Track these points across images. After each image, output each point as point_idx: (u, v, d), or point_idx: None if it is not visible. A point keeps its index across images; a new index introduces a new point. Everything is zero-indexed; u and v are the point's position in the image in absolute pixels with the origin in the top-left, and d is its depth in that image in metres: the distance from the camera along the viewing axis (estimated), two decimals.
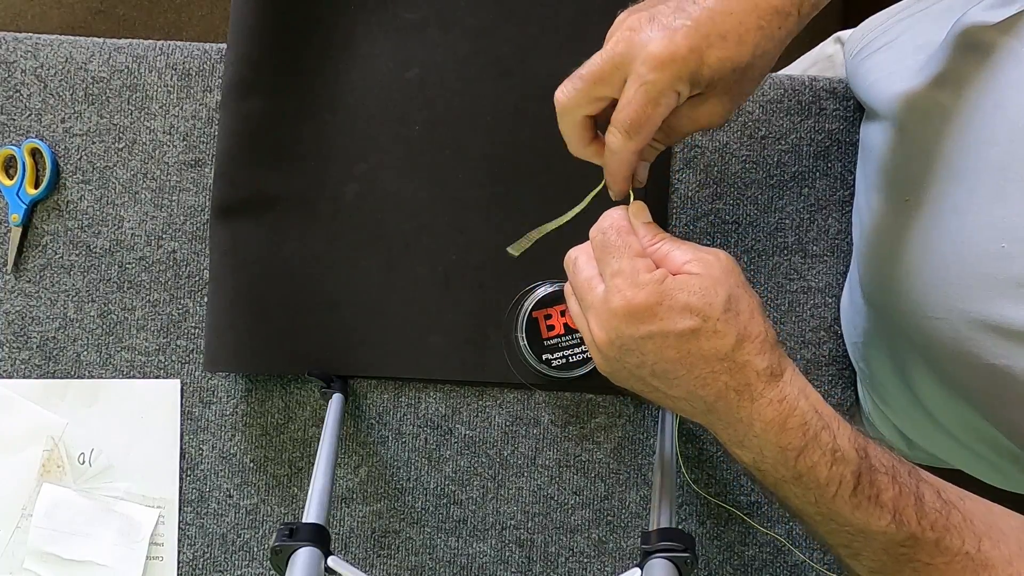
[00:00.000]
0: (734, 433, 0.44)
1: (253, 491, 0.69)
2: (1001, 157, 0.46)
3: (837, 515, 0.43)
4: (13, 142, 0.69)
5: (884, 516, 0.42)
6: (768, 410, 0.42)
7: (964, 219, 0.48)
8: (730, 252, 0.68)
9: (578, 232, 0.51)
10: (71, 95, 0.69)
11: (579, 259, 0.48)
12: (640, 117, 0.44)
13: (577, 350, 0.65)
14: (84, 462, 0.68)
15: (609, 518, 0.69)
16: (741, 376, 0.43)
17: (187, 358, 0.69)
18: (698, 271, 0.44)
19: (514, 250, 0.54)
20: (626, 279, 0.44)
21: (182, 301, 0.69)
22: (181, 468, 0.69)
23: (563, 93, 0.47)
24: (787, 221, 0.69)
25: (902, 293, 0.54)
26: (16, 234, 0.68)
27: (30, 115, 0.69)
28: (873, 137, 0.63)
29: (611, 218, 0.47)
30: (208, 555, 0.69)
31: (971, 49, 0.50)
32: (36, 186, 0.68)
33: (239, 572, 0.69)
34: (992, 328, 0.46)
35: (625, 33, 0.44)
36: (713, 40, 0.43)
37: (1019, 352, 0.45)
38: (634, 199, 0.49)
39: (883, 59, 0.64)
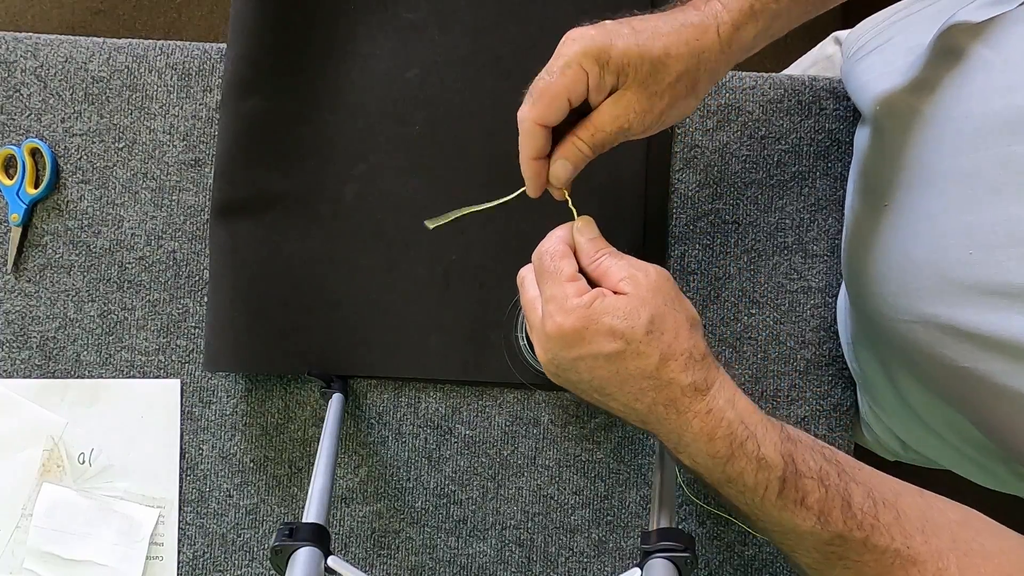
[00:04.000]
0: (669, 441, 0.47)
1: (253, 491, 0.69)
2: (969, 165, 0.47)
3: (767, 516, 0.45)
4: (13, 142, 0.69)
5: (809, 517, 0.44)
6: (695, 422, 0.45)
7: (935, 225, 0.49)
8: (730, 252, 0.69)
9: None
10: (71, 95, 0.69)
11: (525, 280, 0.51)
12: (545, 83, 0.46)
13: None
14: (84, 462, 0.68)
15: (609, 518, 0.69)
16: (667, 392, 0.45)
17: (187, 358, 0.69)
18: (628, 290, 0.46)
19: (430, 223, 0.54)
20: (557, 305, 0.46)
21: (182, 301, 0.69)
22: (181, 468, 0.69)
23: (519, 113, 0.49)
24: (787, 221, 0.69)
25: (881, 296, 0.55)
26: (16, 234, 0.69)
27: (30, 115, 0.69)
28: (860, 140, 0.63)
29: (550, 242, 0.49)
30: (208, 555, 0.69)
31: (946, 54, 0.51)
32: (36, 186, 0.68)
33: (239, 572, 0.69)
34: (961, 333, 0.47)
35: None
36: (625, 31, 0.46)
37: (987, 357, 0.46)
38: (579, 214, 0.50)
39: (875, 61, 0.64)
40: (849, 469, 0.46)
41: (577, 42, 0.46)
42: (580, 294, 0.46)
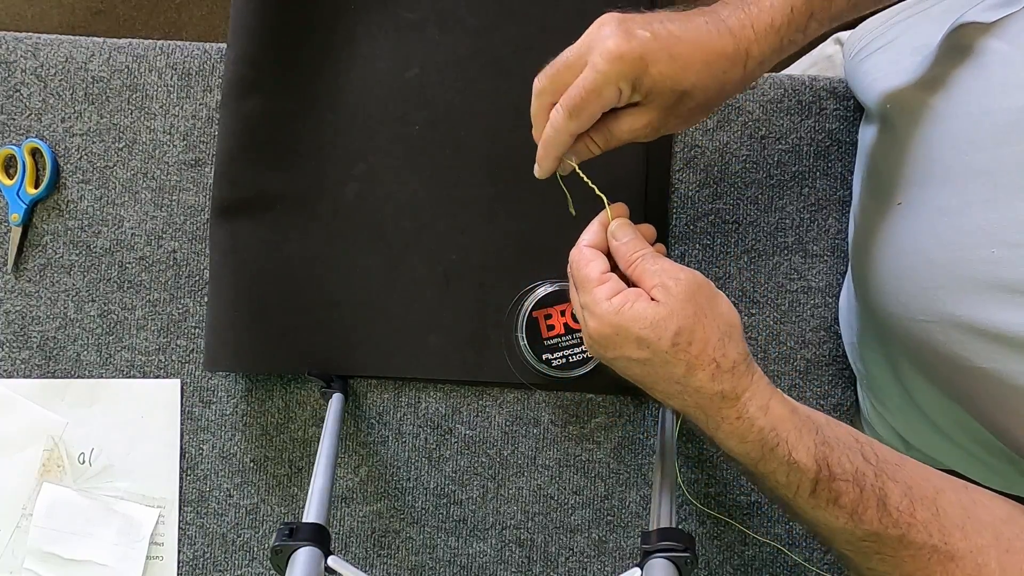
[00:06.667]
0: (705, 433, 0.48)
1: (253, 491, 0.69)
2: (989, 162, 0.47)
3: (801, 511, 0.46)
4: (13, 142, 0.69)
5: (842, 515, 0.45)
6: (725, 425, 0.46)
7: (954, 223, 0.49)
8: (730, 252, 0.69)
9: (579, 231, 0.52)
10: (71, 95, 0.69)
11: (570, 276, 0.53)
12: (584, 100, 0.47)
13: (577, 350, 0.65)
14: (84, 462, 0.68)
15: (609, 518, 0.69)
16: (696, 397, 0.46)
17: (187, 358, 0.69)
18: (659, 298, 0.47)
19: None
20: (589, 311, 0.48)
21: (182, 301, 0.69)
22: (181, 468, 0.69)
23: (538, 78, 0.50)
24: (787, 221, 0.69)
25: (893, 295, 0.54)
26: (16, 234, 0.69)
27: (30, 115, 0.69)
28: (869, 138, 0.63)
29: (577, 249, 0.51)
30: (208, 555, 0.69)
31: (961, 51, 0.50)
32: (36, 186, 0.68)
33: (239, 572, 0.69)
34: (981, 332, 0.47)
35: (594, 28, 0.48)
36: (661, 57, 0.47)
37: (1007, 356, 0.45)
38: (614, 213, 0.52)
39: (881, 60, 0.64)
40: (888, 468, 0.46)
41: (616, 63, 0.46)
42: (610, 296, 0.47)
